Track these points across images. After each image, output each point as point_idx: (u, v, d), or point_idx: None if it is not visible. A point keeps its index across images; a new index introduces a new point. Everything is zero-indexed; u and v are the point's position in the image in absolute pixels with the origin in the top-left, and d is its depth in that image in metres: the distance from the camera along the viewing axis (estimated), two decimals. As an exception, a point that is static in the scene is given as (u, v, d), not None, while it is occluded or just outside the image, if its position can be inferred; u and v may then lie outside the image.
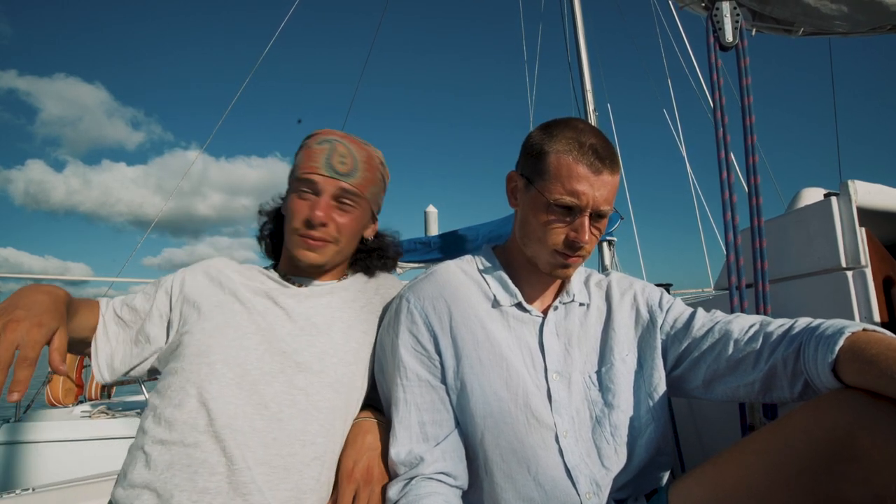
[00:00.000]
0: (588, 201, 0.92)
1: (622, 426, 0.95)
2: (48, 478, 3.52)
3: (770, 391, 0.89)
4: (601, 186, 0.92)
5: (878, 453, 0.65)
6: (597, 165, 0.92)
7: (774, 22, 1.45)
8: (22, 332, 0.77)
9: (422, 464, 0.91)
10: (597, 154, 0.92)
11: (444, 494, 0.90)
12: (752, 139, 1.32)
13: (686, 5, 1.50)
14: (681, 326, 1.01)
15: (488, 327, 0.97)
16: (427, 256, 4.26)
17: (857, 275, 1.27)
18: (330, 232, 1.08)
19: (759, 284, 1.32)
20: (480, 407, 0.93)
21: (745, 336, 0.92)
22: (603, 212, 0.94)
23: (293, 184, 1.11)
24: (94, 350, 1.02)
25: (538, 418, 0.92)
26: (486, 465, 0.93)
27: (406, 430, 0.95)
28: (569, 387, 0.96)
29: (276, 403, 0.95)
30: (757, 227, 1.32)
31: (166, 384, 0.98)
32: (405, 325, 0.99)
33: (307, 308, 1.08)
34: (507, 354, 0.96)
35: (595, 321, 1.04)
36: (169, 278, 1.12)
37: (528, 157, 0.99)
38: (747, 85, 1.34)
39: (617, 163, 0.96)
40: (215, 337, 0.99)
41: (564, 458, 0.91)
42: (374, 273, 1.24)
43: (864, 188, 1.32)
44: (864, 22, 1.42)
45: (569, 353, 0.99)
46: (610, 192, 0.94)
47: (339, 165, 1.09)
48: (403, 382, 0.97)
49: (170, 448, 0.91)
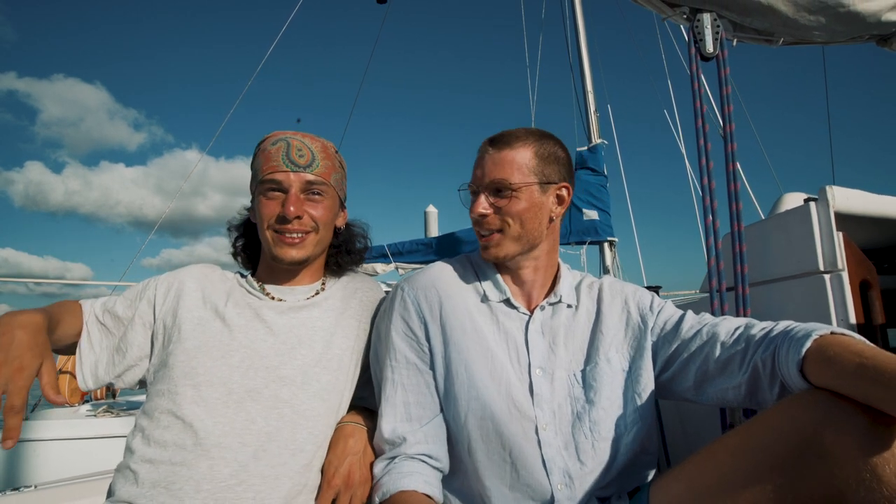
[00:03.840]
0: (478, 179, 1.05)
1: (602, 423, 0.98)
2: (54, 475, 3.57)
3: (755, 394, 0.91)
4: (488, 164, 1.03)
5: (840, 450, 0.68)
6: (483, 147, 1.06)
7: (755, 32, 1.48)
8: (5, 380, 0.75)
9: (404, 444, 0.96)
10: (490, 142, 1.05)
11: (425, 474, 0.94)
12: (731, 147, 1.36)
13: (669, 17, 1.54)
14: (670, 328, 1.03)
15: (476, 320, 1.03)
16: (427, 258, 4.29)
17: (835, 278, 1.30)
18: (306, 224, 1.09)
19: (738, 288, 1.35)
20: (465, 390, 0.97)
21: (731, 338, 0.95)
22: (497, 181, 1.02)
23: (257, 188, 1.11)
24: (79, 358, 1.01)
25: (520, 409, 0.96)
26: (469, 447, 0.97)
27: (392, 407, 1.00)
28: (552, 383, 1.00)
29: (264, 418, 0.97)
30: (737, 231, 1.36)
31: (153, 406, 0.98)
32: (398, 311, 1.04)
33: (288, 320, 1.08)
34: (493, 347, 1.00)
35: (583, 322, 1.08)
36: (151, 286, 1.10)
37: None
38: (728, 94, 1.38)
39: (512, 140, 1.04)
40: (199, 357, 1.00)
41: (542, 449, 0.95)
42: (346, 271, 1.24)
43: (841, 194, 1.35)
44: (843, 32, 1.46)
45: (553, 350, 1.03)
46: (496, 168, 1.02)
47: (299, 158, 1.09)
48: (392, 363, 1.02)
49: (158, 467, 0.92)
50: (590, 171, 4.01)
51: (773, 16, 1.43)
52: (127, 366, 1.04)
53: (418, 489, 0.92)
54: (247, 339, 1.03)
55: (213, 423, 0.94)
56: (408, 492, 0.91)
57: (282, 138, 1.12)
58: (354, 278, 1.25)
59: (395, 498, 0.91)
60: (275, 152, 1.09)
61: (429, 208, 6.37)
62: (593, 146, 4.19)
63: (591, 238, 3.98)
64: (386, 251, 4.80)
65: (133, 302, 1.08)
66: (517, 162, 1.02)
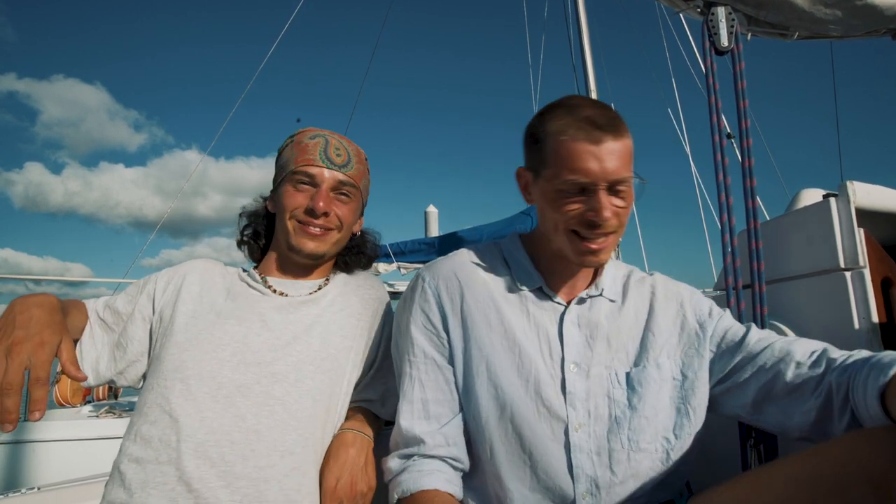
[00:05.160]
0: (598, 175, 0.85)
1: (643, 433, 0.89)
2: (56, 476, 3.56)
3: (823, 423, 0.82)
4: (608, 155, 0.85)
5: None
6: (596, 136, 0.85)
7: (769, 26, 1.46)
8: (28, 354, 0.76)
9: (423, 445, 0.91)
10: (594, 123, 0.86)
11: (446, 473, 0.89)
12: (747, 142, 1.33)
13: (682, 10, 1.52)
14: (732, 339, 0.95)
15: (503, 311, 0.95)
16: (429, 258, 4.28)
17: (856, 275, 1.27)
18: (331, 221, 1.09)
19: (755, 285, 1.33)
20: (487, 388, 0.91)
21: (809, 359, 0.86)
22: (620, 180, 0.87)
23: (287, 177, 1.10)
24: (80, 354, 0.98)
25: (549, 408, 0.89)
26: (490, 448, 0.90)
27: (409, 404, 0.94)
28: (587, 380, 0.91)
29: (254, 415, 0.93)
30: (753, 228, 1.33)
31: (143, 401, 0.96)
32: (418, 302, 0.98)
33: (285, 315, 1.06)
34: (521, 340, 0.93)
35: (632, 319, 0.98)
36: (151, 280, 1.09)
37: (530, 148, 0.95)
38: (743, 89, 1.36)
39: (620, 126, 0.88)
40: (189, 351, 0.97)
41: (570, 453, 0.87)
42: (353, 271, 1.23)
43: (862, 189, 1.33)
44: (859, 26, 1.43)
45: (590, 346, 0.94)
46: (620, 158, 0.86)
47: (336, 157, 1.10)
48: (411, 358, 0.96)
49: (144, 466, 0.89)
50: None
51: (789, 9, 1.40)
52: (128, 362, 1.02)
53: (441, 488, 0.87)
54: (239, 332, 1.00)
55: (200, 418, 0.91)
56: (430, 491, 0.86)
57: (320, 135, 1.13)
58: (356, 276, 1.23)
59: (417, 497, 0.86)
60: (312, 146, 1.10)
61: (429, 208, 6.36)
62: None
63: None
64: (388, 251, 4.79)
65: (133, 297, 1.06)
66: (630, 151, 0.89)
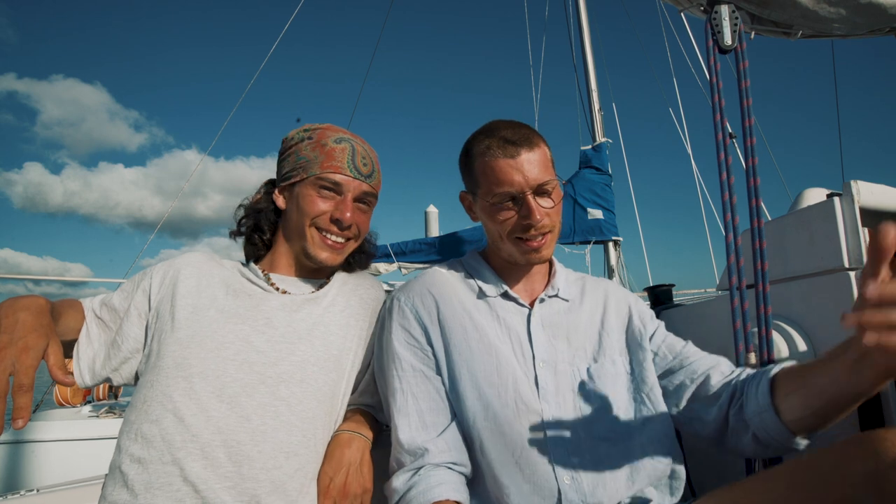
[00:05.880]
0: (522, 183, 0.98)
1: (607, 423, 0.97)
2: (55, 477, 3.56)
3: (721, 423, 0.98)
4: (527, 165, 0.98)
5: None
6: (511, 150, 0.98)
7: (773, 25, 1.45)
8: (11, 360, 0.75)
9: (427, 454, 0.93)
10: (507, 141, 0.99)
11: (453, 482, 0.92)
12: (751, 141, 1.33)
13: (685, 9, 1.51)
14: (672, 346, 1.09)
15: (476, 318, 1.03)
16: (430, 258, 4.26)
17: (860, 275, 1.27)
18: (353, 231, 1.10)
19: (759, 285, 1.32)
20: (471, 391, 0.97)
21: (731, 374, 1.02)
22: (543, 183, 0.99)
23: (310, 180, 1.07)
24: (76, 353, 0.98)
25: (527, 404, 0.96)
26: (481, 447, 0.95)
27: (405, 417, 0.97)
28: (555, 375, 1.00)
29: (259, 416, 0.92)
30: (757, 228, 1.33)
31: (141, 397, 0.94)
32: (397, 321, 1.04)
33: (288, 314, 1.05)
34: (496, 343, 1.00)
35: (587, 319, 1.08)
36: (147, 275, 1.07)
37: (464, 173, 1.09)
38: (746, 87, 1.34)
39: (533, 138, 1.01)
40: (191, 348, 0.95)
41: (548, 445, 0.94)
42: (354, 269, 1.23)
43: (867, 188, 1.32)
44: (863, 24, 1.43)
45: (553, 344, 1.03)
46: (539, 165, 1.00)
47: (363, 167, 1.09)
48: (399, 373, 1.00)
49: (147, 467, 0.87)
50: (594, 170, 3.99)
51: (792, 7, 1.40)
52: (123, 358, 1.00)
53: (450, 498, 0.89)
54: (243, 331, 0.99)
55: (205, 417, 0.90)
56: (441, 502, 0.88)
57: (345, 139, 1.10)
58: (354, 275, 1.22)
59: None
60: (339, 152, 1.08)
61: (429, 208, 6.35)
62: (598, 145, 4.17)
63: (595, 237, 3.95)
64: (389, 251, 4.79)
65: (130, 293, 1.05)
66: (547, 158, 1.04)
